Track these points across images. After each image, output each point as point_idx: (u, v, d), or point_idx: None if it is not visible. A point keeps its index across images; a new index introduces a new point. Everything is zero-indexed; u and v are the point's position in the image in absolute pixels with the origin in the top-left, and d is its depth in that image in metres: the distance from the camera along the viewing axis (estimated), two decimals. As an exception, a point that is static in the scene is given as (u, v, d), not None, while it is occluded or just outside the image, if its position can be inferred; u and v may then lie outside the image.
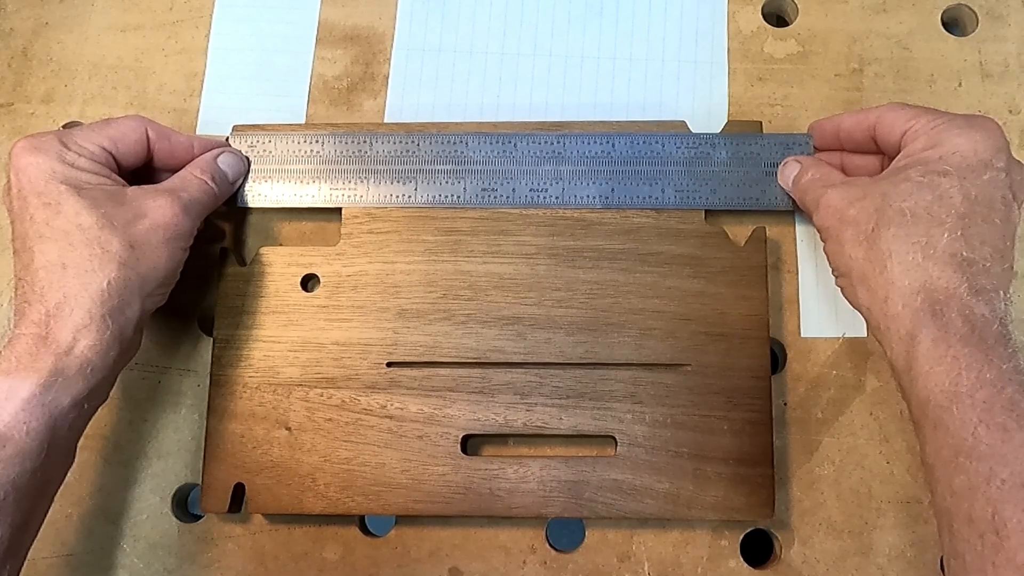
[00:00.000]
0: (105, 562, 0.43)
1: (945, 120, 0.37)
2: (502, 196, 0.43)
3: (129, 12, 0.50)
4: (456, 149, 0.44)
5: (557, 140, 0.44)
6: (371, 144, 0.44)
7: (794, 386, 0.43)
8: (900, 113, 0.38)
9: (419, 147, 0.44)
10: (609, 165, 0.43)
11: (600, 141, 0.44)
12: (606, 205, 0.43)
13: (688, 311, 0.42)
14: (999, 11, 0.48)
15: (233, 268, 0.43)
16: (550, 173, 0.43)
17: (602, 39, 0.48)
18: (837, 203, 0.37)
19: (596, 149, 0.44)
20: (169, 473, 0.44)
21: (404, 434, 0.41)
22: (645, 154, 0.43)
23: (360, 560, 0.42)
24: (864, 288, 0.36)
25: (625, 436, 0.41)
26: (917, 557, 0.41)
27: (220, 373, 0.42)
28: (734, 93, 0.47)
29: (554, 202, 0.43)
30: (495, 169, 0.44)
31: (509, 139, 0.44)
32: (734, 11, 0.48)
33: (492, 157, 0.44)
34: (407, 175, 0.44)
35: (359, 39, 0.49)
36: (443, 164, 0.44)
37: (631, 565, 0.42)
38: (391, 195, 0.44)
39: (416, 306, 0.43)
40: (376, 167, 0.44)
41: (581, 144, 0.44)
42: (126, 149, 0.40)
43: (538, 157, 0.44)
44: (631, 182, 0.43)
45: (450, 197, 0.43)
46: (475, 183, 0.43)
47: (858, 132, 0.41)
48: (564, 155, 0.43)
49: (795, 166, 0.42)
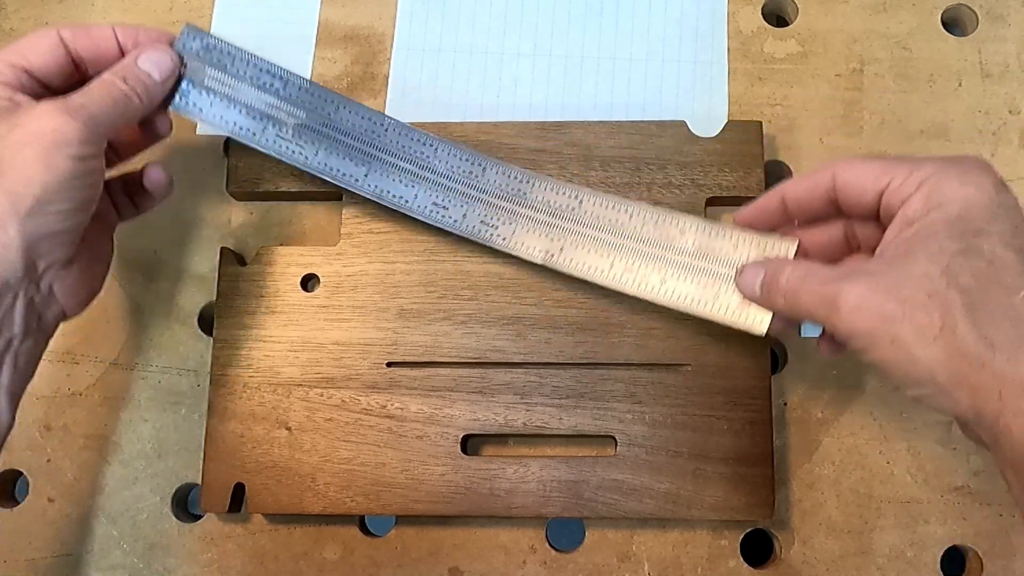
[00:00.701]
0: (105, 562, 0.43)
1: (933, 171, 0.31)
2: (450, 218, 0.40)
3: (129, 12, 0.50)
4: (422, 151, 0.41)
5: (527, 180, 0.41)
6: (337, 109, 0.40)
7: (794, 386, 0.43)
8: (863, 170, 0.33)
9: (385, 132, 0.41)
10: (566, 222, 0.40)
11: (568, 194, 0.40)
12: (545, 262, 0.40)
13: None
14: (999, 11, 0.48)
15: (233, 268, 0.43)
16: (506, 211, 0.41)
17: (602, 39, 0.48)
18: (872, 300, 0.30)
19: (562, 203, 0.40)
20: (169, 473, 0.44)
21: (404, 434, 0.41)
22: (609, 221, 0.40)
23: (360, 560, 0.42)
24: (964, 391, 0.29)
25: (625, 436, 0.41)
26: (917, 557, 0.41)
27: (220, 373, 0.42)
28: (734, 93, 0.47)
29: (500, 243, 0.40)
30: (454, 187, 0.41)
31: (480, 161, 0.41)
32: (734, 11, 0.48)
33: (456, 174, 0.41)
34: (362, 156, 0.40)
35: (359, 39, 0.49)
36: (403, 161, 0.40)
37: (631, 565, 0.42)
38: (337, 169, 0.40)
39: (416, 306, 0.43)
40: (333, 134, 0.40)
41: (548, 192, 0.41)
42: (39, 60, 0.36)
43: (502, 191, 0.41)
44: (581, 247, 0.40)
45: (397, 198, 0.40)
46: (428, 194, 0.40)
47: (813, 200, 0.35)
48: (528, 198, 0.41)
49: (757, 270, 0.36)
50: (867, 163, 0.33)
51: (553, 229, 0.40)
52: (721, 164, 0.43)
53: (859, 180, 0.33)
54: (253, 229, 0.46)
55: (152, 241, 0.46)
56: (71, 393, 0.44)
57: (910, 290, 0.29)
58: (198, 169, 0.47)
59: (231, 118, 0.40)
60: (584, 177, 0.44)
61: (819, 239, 0.36)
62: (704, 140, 0.44)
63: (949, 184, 0.31)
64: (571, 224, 0.40)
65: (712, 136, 0.44)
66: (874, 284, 0.30)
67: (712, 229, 0.38)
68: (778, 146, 0.46)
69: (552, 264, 0.40)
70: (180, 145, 0.47)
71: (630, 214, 0.39)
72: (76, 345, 0.45)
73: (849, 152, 0.46)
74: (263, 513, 0.42)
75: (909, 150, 0.46)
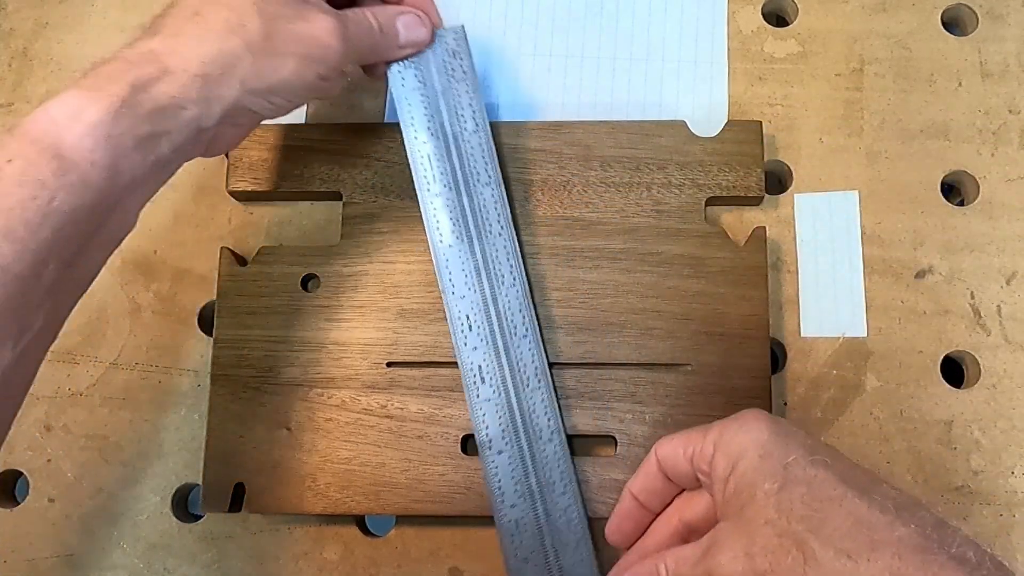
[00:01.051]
0: (105, 562, 0.43)
1: (720, 430, 0.33)
2: (464, 334, 0.41)
3: (129, 12, 0.50)
4: (501, 270, 0.41)
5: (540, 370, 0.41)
6: (485, 185, 0.41)
7: (794, 386, 0.43)
8: (671, 444, 0.35)
9: (496, 236, 0.41)
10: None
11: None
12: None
13: (688, 311, 0.42)
14: (999, 11, 0.48)
15: (233, 268, 0.43)
16: (500, 383, 0.41)
17: (602, 39, 0.48)
18: (742, 565, 0.30)
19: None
20: (169, 473, 0.44)
21: (404, 434, 0.41)
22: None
23: (360, 560, 0.42)
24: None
25: (625, 436, 0.41)
26: (917, 557, 0.41)
27: (220, 373, 0.42)
28: (734, 93, 0.47)
29: (473, 398, 0.41)
30: (489, 323, 0.40)
31: (525, 323, 0.41)
32: (734, 11, 0.48)
33: (505, 314, 0.40)
34: (467, 231, 0.41)
35: (359, 39, 0.49)
36: (485, 261, 0.41)
37: (631, 565, 0.42)
38: (437, 224, 0.41)
39: (416, 306, 0.43)
40: (464, 199, 0.41)
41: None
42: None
43: (520, 364, 0.40)
44: None
45: (447, 278, 0.41)
46: (470, 306, 0.40)
47: (657, 484, 0.36)
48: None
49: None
50: (674, 438, 0.35)
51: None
52: (721, 164, 0.43)
53: (673, 454, 0.35)
54: (253, 229, 0.46)
55: (152, 241, 0.46)
56: (71, 393, 0.44)
57: (763, 539, 0.30)
58: (198, 169, 0.47)
59: (415, 121, 0.41)
60: (584, 177, 0.44)
61: (696, 509, 0.36)
62: (704, 140, 0.44)
63: (736, 437, 0.33)
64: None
65: (712, 136, 0.44)
66: (735, 549, 0.31)
67: None
68: (778, 146, 0.46)
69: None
70: (180, 145, 0.47)
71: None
72: (76, 345, 0.45)
73: (850, 151, 0.46)
74: (263, 513, 0.42)
75: (909, 150, 0.46)
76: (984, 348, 0.43)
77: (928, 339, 0.43)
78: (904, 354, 0.43)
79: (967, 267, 0.44)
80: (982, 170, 0.45)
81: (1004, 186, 0.45)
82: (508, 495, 0.39)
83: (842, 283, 0.44)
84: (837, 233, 0.45)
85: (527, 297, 0.41)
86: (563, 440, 0.40)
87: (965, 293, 0.44)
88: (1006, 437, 0.42)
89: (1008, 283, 0.44)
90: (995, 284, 0.44)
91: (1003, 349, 0.43)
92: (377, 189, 0.44)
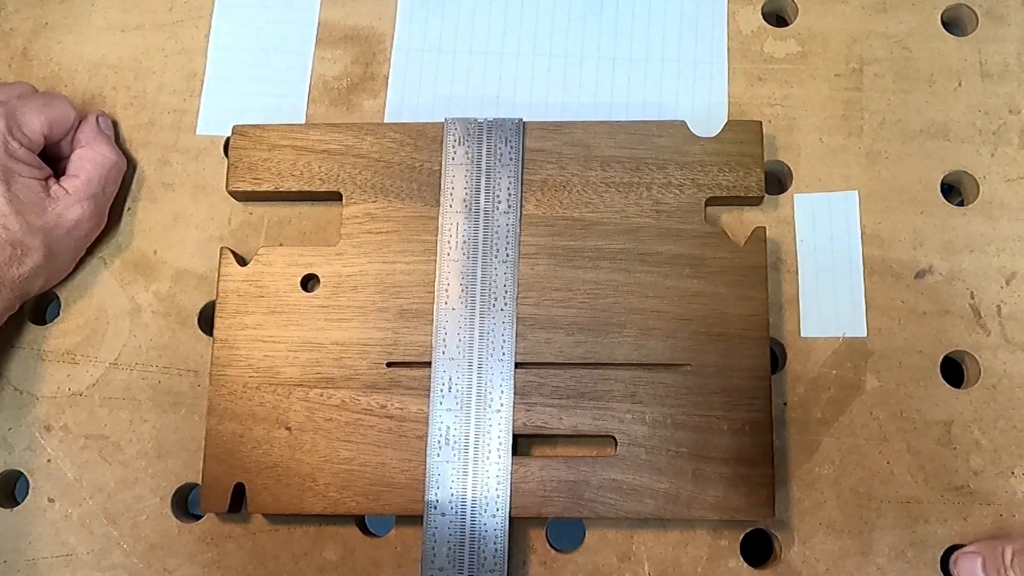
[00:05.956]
0: (105, 562, 0.43)
1: None
2: (442, 388, 0.41)
3: (129, 12, 0.50)
4: (495, 345, 0.42)
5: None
6: (495, 258, 0.43)
7: (794, 386, 0.43)
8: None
9: (500, 311, 0.42)
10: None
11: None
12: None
13: (688, 311, 0.42)
14: (999, 11, 0.48)
15: (233, 268, 0.43)
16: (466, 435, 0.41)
17: (602, 39, 0.48)
18: None
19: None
20: (169, 473, 0.44)
21: (404, 434, 0.41)
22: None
23: (360, 560, 0.42)
24: None
25: (625, 436, 0.41)
26: (917, 557, 0.41)
27: (220, 373, 0.42)
28: (734, 93, 0.47)
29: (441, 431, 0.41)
30: (469, 393, 0.41)
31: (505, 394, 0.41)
32: (734, 11, 0.48)
33: (487, 389, 0.41)
34: (472, 312, 0.42)
35: (359, 39, 0.49)
36: (482, 344, 0.42)
37: (631, 565, 0.42)
38: (447, 284, 0.42)
39: (416, 306, 0.43)
40: (475, 267, 0.42)
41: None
42: (56, 134, 0.44)
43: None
44: None
45: (442, 340, 0.41)
46: (456, 369, 0.41)
47: None
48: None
49: (973, 559, 0.39)
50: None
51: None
52: (721, 164, 0.43)
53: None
54: (253, 229, 0.46)
55: (152, 241, 0.46)
56: (71, 393, 0.44)
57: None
58: (198, 169, 0.47)
59: (454, 193, 0.43)
60: (584, 177, 0.44)
61: None
62: (704, 140, 0.44)
63: None
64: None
65: (712, 136, 0.44)
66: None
67: None
68: (778, 146, 0.46)
69: None
70: (180, 145, 0.47)
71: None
72: (76, 345, 0.45)
73: (849, 151, 0.46)
74: (263, 513, 0.42)
75: (909, 150, 0.46)
76: (984, 348, 0.43)
77: (928, 339, 0.43)
78: (904, 354, 0.43)
79: (967, 267, 0.44)
80: (982, 170, 0.45)
81: (1004, 186, 0.45)
82: (439, 558, 0.40)
83: (842, 283, 0.44)
84: (837, 233, 0.45)
85: (511, 375, 0.41)
86: (506, 518, 0.40)
87: (965, 293, 0.44)
88: (1006, 437, 0.42)
89: (1008, 283, 0.44)
90: (995, 284, 0.44)
91: (1003, 349, 0.43)
92: (377, 189, 0.44)
